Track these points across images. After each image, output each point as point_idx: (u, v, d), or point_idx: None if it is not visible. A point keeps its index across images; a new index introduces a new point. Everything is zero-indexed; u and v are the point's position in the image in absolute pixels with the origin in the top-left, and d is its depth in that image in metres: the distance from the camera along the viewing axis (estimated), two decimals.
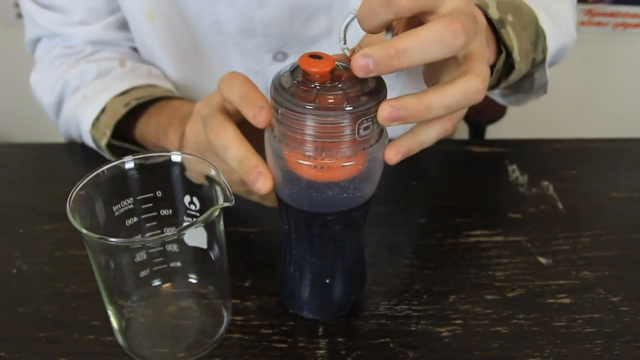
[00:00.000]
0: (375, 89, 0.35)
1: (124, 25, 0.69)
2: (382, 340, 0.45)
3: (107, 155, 0.63)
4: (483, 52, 0.38)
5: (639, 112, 1.62)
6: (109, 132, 0.61)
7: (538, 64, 0.58)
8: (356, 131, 0.35)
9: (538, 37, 0.56)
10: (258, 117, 0.38)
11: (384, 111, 0.35)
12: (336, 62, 0.36)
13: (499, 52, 0.52)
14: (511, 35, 0.51)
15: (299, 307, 0.46)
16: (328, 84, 0.35)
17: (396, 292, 0.49)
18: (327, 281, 0.44)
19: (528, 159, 0.64)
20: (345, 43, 0.37)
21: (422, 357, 0.44)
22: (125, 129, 0.63)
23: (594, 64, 1.58)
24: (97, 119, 0.62)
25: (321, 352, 0.44)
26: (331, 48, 0.67)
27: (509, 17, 0.51)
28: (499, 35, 0.50)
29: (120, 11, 0.68)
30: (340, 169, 0.36)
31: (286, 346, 0.45)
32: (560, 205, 0.60)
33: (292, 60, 0.68)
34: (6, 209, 0.59)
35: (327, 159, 0.36)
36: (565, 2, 0.64)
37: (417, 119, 0.36)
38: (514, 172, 0.64)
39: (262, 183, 0.39)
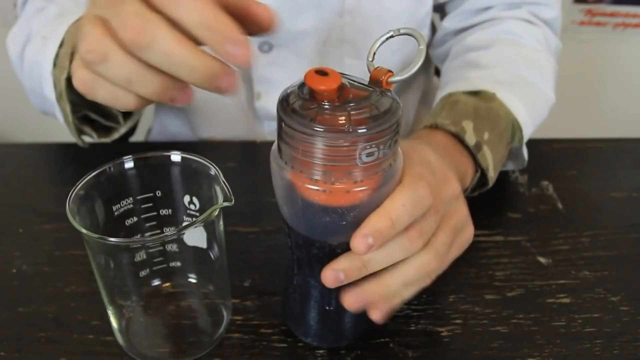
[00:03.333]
0: (385, 112, 0.33)
1: None
2: (382, 340, 0.45)
3: (61, 115, 0.58)
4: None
5: (638, 112, 1.62)
6: (67, 63, 0.54)
7: (514, 150, 0.60)
8: (357, 157, 0.32)
9: (514, 132, 0.57)
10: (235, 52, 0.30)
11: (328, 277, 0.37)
12: (349, 80, 0.34)
13: (474, 170, 0.53)
14: (487, 156, 0.52)
15: (298, 329, 0.45)
16: (335, 104, 0.33)
17: None
18: (327, 308, 0.42)
19: (528, 158, 0.64)
20: (373, 60, 0.35)
21: (421, 356, 0.44)
22: None
23: (594, 64, 1.58)
24: (57, 55, 0.56)
25: (321, 351, 0.44)
26: (318, 45, 0.68)
27: (486, 136, 0.52)
28: (476, 159, 0.52)
29: None
30: (333, 194, 0.34)
31: (286, 346, 0.45)
32: (560, 205, 0.60)
33: (276, 52, 0.68)
34: (6, 209, 0.59)
35: (323, 182, 0.34)
36: (545, 62, 0.64)
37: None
38: (514, 172, 0.64)
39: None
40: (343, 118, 0.32)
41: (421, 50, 0.33)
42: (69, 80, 0.55)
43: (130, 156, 0.43)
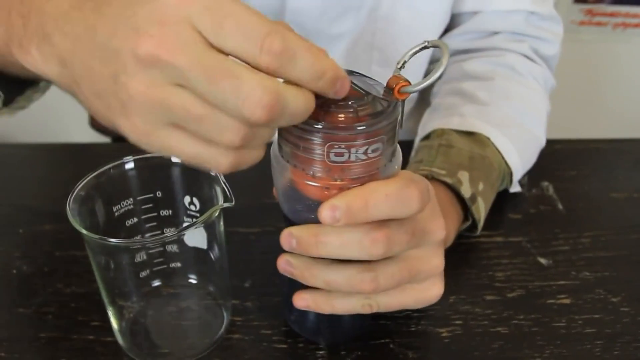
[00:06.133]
0: (361, 118, 0.33)
1: None
2: (382, 340, 0.45)
3: None
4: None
5: (639, 112, 1.62)
6: None
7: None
8: (326, 154, 0.33)
9: (504, 178, 0.57)
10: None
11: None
12: (357, 84, 0.34)
13: (460, 223, 0.52)
14: (480, 207, 0.52)
15: (295, 324, 0.45)
16: (323, 99, 0.33)
17: None
18: None
19: None
20: (403, 68, 0.35)
21: (422, 357, 0.44)
22: None
23: (594, 64, 1.58)
24: None
25: (321, 352, 0.44)
26: (348, 50, 0.67)
27: (480, 187, 0.52)
28: (470, 210, 0.51)
29: None
30: (311, 187, 0.35)
31: (286, 347, 0.45)
32: (560, 206, 0.60)
33: None
34: (6, 209, 0.59)
35: (305, 174, 0.34)
36: (540, 102, 0.63)
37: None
38: None
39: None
40: (319, 114, 0.32)
41: (441, 64, 0.32)
42: None
43: (131, 157, 0.43)
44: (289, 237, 0.37)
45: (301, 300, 0.40)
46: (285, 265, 0.39)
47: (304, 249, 0.37)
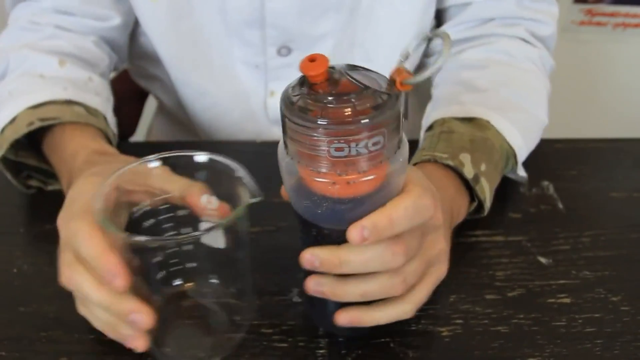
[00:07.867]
0: (361, 112, 0.33)
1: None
2: (383, 339, 0.45)
3: None
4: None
5: (639, 112, 1.62)
6: (5, 146, 0.55)
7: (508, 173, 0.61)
8: (327, 150, 0.33)
9: (508, 159, 0.58)
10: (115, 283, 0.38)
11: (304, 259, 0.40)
12: (354, 77, 0.34)
13: (469, 203, 0.54)
14: (485, 188, 0.53)
15: (313, 316, 0.45)
16: (319, 94, 0.34)
17: None
18: None
19: (528, 159, 0.64)
20: (405, 60, 0.36)
21: (422, 356, 0.44)
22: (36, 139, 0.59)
23: (594, 64, 1.58)
24: (4, 128, 0.56)
25: (321, 351, 0.44)
26: (332, 48, 0.67)
27: (483, 167, 0.53)
28: (474, 191, 0.52)
29: None
30: (318, 183, 0.35)
31: (286, 345, 0.45)
32: (560, 205, 0.60)
33: (295, 55, 0.68)
34: (7, 209, 0.59)
35: (310, 170, 0.35)
36: (538, 84, 0.64)
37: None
38: None
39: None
40: (317, 110, 0.33)
41: (443, 54, 0.33)
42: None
43: (154, 155, 0.42)
44: (312, 257, 0.39)
45: (343, 319, 0.41)
46: (315, 286, 0.41)
47: (328, 268, 0.39)
